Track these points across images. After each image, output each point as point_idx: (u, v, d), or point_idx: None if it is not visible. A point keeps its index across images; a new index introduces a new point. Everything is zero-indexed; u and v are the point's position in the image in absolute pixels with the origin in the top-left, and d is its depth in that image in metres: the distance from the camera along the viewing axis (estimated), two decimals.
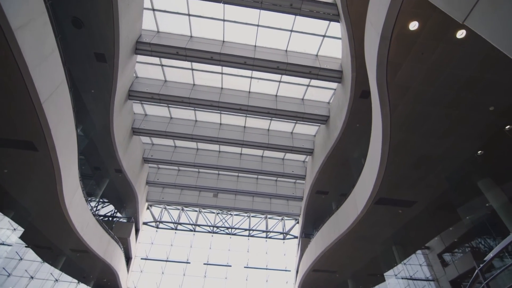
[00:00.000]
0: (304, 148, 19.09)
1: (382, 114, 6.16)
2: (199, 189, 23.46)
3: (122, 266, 17.49)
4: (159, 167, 23.13)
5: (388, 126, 6.42)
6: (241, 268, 23.49)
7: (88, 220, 12.65)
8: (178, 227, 25.22)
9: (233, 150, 21.42)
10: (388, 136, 6.70)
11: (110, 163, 16.41)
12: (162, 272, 22.25)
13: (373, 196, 8.79)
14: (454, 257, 20.54)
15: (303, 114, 16.45)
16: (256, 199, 25.65)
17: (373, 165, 8.25)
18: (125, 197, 19.96)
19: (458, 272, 17.69)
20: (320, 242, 13.84)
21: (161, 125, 18.16)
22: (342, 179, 17.08)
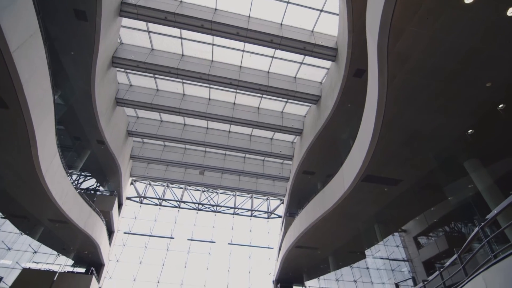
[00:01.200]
0: (294, 128, 18.93)
1: (379, 84, 5.95)
2: (185, 165, 23.10)
3: (103, 239, 17.22)
4: (144, 142, 22.47)
5: (384, 98, 6.25)
6: (225, 244, 23.81)
7: (67, 190, 12.15)
8: (162, 203, 24.99)
9: (221, 127, 20.99)
10: (383, 109, 6.55)
11: (92, 134, 15.68)
12: (145, 246, 22.20)
13: (361, 173, 8.79)
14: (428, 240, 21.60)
15: (294, 93, 16.13)
16: (242, 178, 25.62)
17: (363, 141, 8.17)
18: (108, 171, 19.36)
19: (432, 254, 18.67)
20: (304, 219, 14.03)
21: (147, 96, 17.39)
22: (329, 161, 17.16)
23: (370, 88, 7.01)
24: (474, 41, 5.27)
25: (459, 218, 11.37)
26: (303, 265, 18.79)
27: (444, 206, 12.47)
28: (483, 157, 7.83)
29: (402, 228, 20.44)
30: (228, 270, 22.37)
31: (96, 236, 15.40)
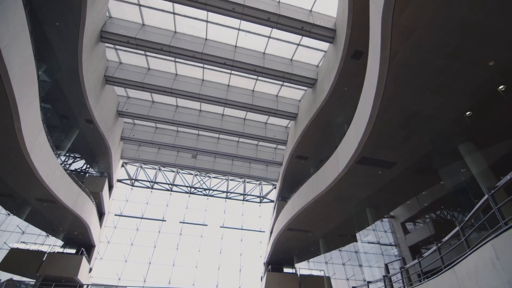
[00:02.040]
0: (288, 112, 18.70)
1: (381, 60, 5.73)
2: (178, 148, 22.77)
3: (94, 220, 17.01)
4: (135, 123, 21.94)
5: (384, 75, 6.05)
6: (217, 227, 23.95)
7: (55, 169, 11.77)
8: (154, 186, 24.77)
9: (215, 110, 20.58)
10: (382, 87, 6.36)
11: (80, 112, 15.11)
12: (137, 228, 22.12)
13: (356, 155, 8.71)
14: (415, 226, 22.19)
15: (290, 75, 15.79)
16: (235, 163, 25.51)
17: (360, 122, 8.02)
18: (98, 151, 18.89)
19: (418, 239, 19.21)
20: (297, 202, 14.06)
21: (138, 75, 16.78)
22: (323, 145, 17.12)
23: (370, 66, 6.78)
24: (482, 15, 5.05)
25: (449, 204, 11.54)
26: (294, 248, 19.09)
27: (433, 192, 12.66)
28: (478, 140, 7.81)
29: (390, 214, 20.89)
30: (220, 253, 22.61)
31: (85, 217, 15.17)
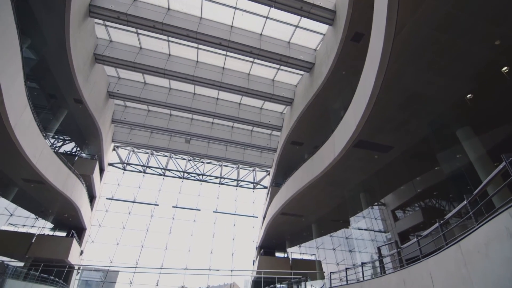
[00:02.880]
0: (284, 97, 18.40)
1: (385, 36, 5.48)
2: (171, 132, 22.38)
3: (84, 203, 16.71)
4: (126, 105, 21.34)
5: (388, 52, 5.81)
6: (210, 212, 23.95)
7: (42, 148, 11.34)
8: (146, 170, 24.43)
9: (209, 93, 20.12)
10: (385, 65, 6.13)
11: (68, 91, 14.49)
12: (129, 212, 21.93)
13: (354, 138, 8.58)
14: (405, 214, 22.61)
15: (287, 58, 15.39)
16: (229, 148, 25.28)
17: (359, 103, 7.83)
18: (88, 134, 18.36)
19: (407, 226, 19.62)
20: (291, 186, 14.03)
21: (129, 54, 16.13)
22: (318, 132, 16.99)
23: (373, 43, 6.53)
24: None
25: (443, 190, 11.62)
26: (286, 232, 19.27)
27: (427, 179, 12.74)
28: (477, 126, 7.74)
29: (381, 202, 21.22)
30: (212, 237, 22.71)
31: (76, 199, 14.85)
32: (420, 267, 4.46)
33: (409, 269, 4.84)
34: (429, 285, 4.07)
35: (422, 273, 4.34)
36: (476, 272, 3.02)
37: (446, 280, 3.70)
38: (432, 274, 4.05)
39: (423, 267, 4.37)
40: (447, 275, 3.68)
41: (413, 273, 4.67)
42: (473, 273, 3.06)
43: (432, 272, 4.06)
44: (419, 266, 4.50)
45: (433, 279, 4.02)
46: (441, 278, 3.83)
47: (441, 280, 3.82)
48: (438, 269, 3.93)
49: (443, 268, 3.80)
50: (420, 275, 4.39)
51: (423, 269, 4.35)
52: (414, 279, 4.63)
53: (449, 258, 3.65)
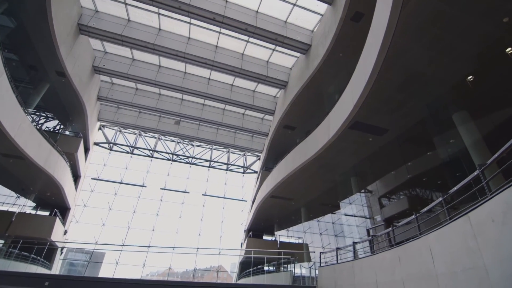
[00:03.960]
0: (279, 79, 17.99)
1: (392, 6, 5.18)
2: (160, 112, 21.71)
3: (68, 181, 16.11)
4: (113, 82, 20.42)
5: (393, 26, 5.53)
6: (199, 195, 23.77)
7: (21, 121, 10.64)
8: (134, 151, 23.79)
9: (201, 73, 19.46)
10: (389, 40, 5.87)
11: (50, 63, 13.61)
12: (115, 193, 21.45)
13: (350, 119, 8.40)
14: (390, 201, 23.12)
15: (283, 38, 14.88)
16: (220, 132, 24.87)
17: (359, 81, 7.60)
18: (72, 110, 17.50)
19: (393, 213, 20.10)
20: (283, 169, 13.91)
21: (116, 27, 15.19)
22: (312, 116, 16.78)
23: (378, 15, 6.21)
24: None
25: (435, 175, 11.71)
26: (275, 216, 19.38)
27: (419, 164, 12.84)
28: (474, 110, 7.68)
29: (368, 189, 21.59)
30: (201, 219, 22.63)
31: (58, 177, 14.26)
32: (419, 243, 4.41)
33: (405, 246, 4.80)
34: (428, 260, 4.02)
35: (420, 249, 4.30)
36: (488, 243, 2.93)
37: (449, 255, 3.64)
38: (432, 249, 3.99)
39: (422, 243, 4.31)
40: (451, 249, 3.62)
41: (410, 249, 4.63)
42: (483, 245, 2.98)
43: (432, 247, 4.00)
44: (418, 242, 4.45)
45: (433, 254, 3.96)
46: (442, 253, 3.77)
47: (442, 255, 3.77)
48: (439, 244, 3.86)
49: (445, 243, 3.74)
50: (418, 251, 4.35)
51: (421, 245, 4.30)
52: (410, 255, 4.59)
53: (453, 232, 3.58)
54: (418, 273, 4.32)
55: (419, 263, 4.34)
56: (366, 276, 5.99)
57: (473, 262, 3.12)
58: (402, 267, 4.78)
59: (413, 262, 4.51)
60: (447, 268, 3.64)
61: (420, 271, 4.28)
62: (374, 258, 5.88)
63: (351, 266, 6.72)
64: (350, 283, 6.56)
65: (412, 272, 4.50)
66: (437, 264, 3.88)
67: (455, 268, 3.46)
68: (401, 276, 4.73)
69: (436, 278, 3.81)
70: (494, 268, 2.79)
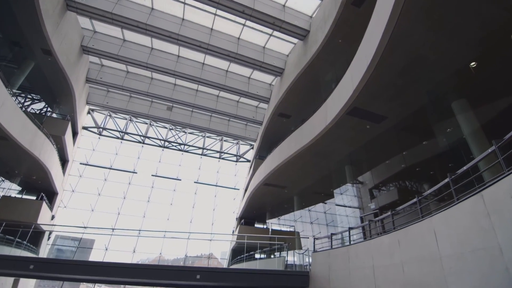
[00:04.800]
0: (275, 66, 17.63)
1: None
2: (151, 97, 21.07)
3: (55, 165, 15.58)
4: (102, 64, 19.64)
5: (400, 5, 5.30)
6: (191, 183, 23.52)
7: (4, 99, 10.08)
8: (124, 136, 23.20)
9: (195, 57, 18.88)
10: (394, 21, 5.64)
11: (35, 39, 12.86)
12: (104, 179, 20.97)
13: (349, 104, 8.23)
14: (380, 192, 23.46)
15: (281, 23, 14.46)
16: (214, 119, 24.46)
17: (360, 65, 7.39)
18: (59, 91, 16.76)
19: (382, 203, 20.41)
20: (277, 156, 13.77)
21: (106, 4, 14.43)
22: (307, 105, 16.56)
23: None
24: None
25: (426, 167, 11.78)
26: (267, 204, 19.37)
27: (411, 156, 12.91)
28: (473, 98, 7.60)
29: (359, 180, 21.80)
30: (193, 207, 22.47)
31: (45, 160, 13.74)
32: (421, 226, 4.33)
33: (406, 229, 4.73)
34: (432, 243, 3.95)
35: (423, 232, 4.22)
36: (504, 221, 2.83)
37: (456, 236, 3.56)
38: (436, 232, 3.91)
39: (425, 225, 4.23)
40: (458, 230, 3.53)
41: (411, 232, 4.56)
42: (498, 223, 2.88)
43: (437, 230, 3.92)
44: (420, 225, 4.37)
45: (437, 236, 3.88)
46: (448, 235, 3.70)
47: (448, 237, 3.69)
48: (445, 225, 3.78)
49: (452, 224, 3.65)
50: (420, 234, 4.27)
51: (424, 228, 4.22)
52: (411, 238, 4.52)
53: (462, 212, 3.48)
54: (419, 256, 4.26)
55: (421, 246, 4.27)
56: (362, 260, 5.95)
57: (484, 242, 3.04)
58: (402, 251, 4.72)
59: (415, 245, 4.45)
60: (454, 250, 3.57)
61: (421, 254, 4.22)
62: (371, 242, 5.83)
63: (346, 251, 6.69)
64: (345, 267, 6.54)
65: (412, 255, 4.45)
66: (441, 246, 3.81)
67: (463, 249, 3.38)
68: (401, 259, 4.68)
69: (440, 260, 3.74)
70: (510, 247, 2.70)
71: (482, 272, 3.02)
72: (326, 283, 7.31)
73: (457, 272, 3.42)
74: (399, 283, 4.62)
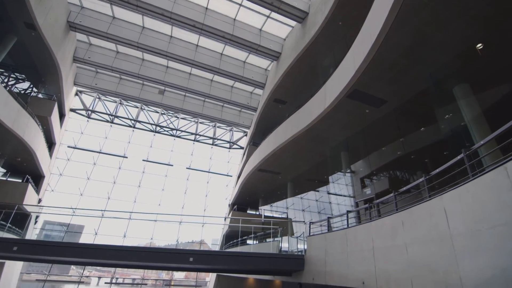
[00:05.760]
0: (271, 49, 17.16)
1: None
2: (143, 80, 20.34)
3: (41, 147, 14.95)
4: (91, 43, 18.73)
5: None
6: (183, 168, 23.18)
7: None
8: (114, 120, 22.49)
9: (188, 38, 18.18)
10: None
11: (18, 13, 12.00)
12: (94, 163, 20.41)
13: (350, 85, 7.99)
14: (371, 181, 23.71)
15: (279, 3, 13.93)
16: (207, 104, 23.94)
17: (364, 43, 7.11)
18: (44, 70, 15.90)
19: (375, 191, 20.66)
20: (273, 141, 13.54)
21: None
22: (303, 91, 16.27)
23: None
24: None
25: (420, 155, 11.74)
26: (260, 191, 19.29)
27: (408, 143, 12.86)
28: (476, 83, 7.46)
29: (351, 169, 21.93)
30: (185, 193, 22.23)
31: (29, 140, 13.12)
32: (429, 205, 4.21)
33: (410, 210, 4.60)
34: (441, 222, 3.82)
35: (431, 211, 4.09)
36: None
37: (471, 213, 3.42)
38: (447, 210, 3.78)
39: (433, 204, 4.10)
40: (474, 207, 3.39)
41: (417, 212, 4.43)
42: None
43: (448, 208, 3.79)
44: (427, 204, 4.25)
45: (448, 215, 3.75)
46: (462, 212, 3.56)
47: (462, 214, 3.56)
48: (458, 203, 3.64)
49: (467, 201, 3.51)
50: (428, 213, 4.15)
51: (433, 207, 4.10)
52: (417, 219, 4.40)
53: (480, 187, 3.34)
54: (425, 236, 4.15)
55: (428, 225, 4.16)
56: (361, 243, 5.87)
57: (506, 218, 2.91)
58: (406, 232, 4.62)
59: (421, 226, 4.33)
60: (468, 227, 3.44)
61: (429, 233, 4.11)
62: (371, 224, 5.74)
63: (344, 234, 6.61)
64: (343, 250, 6.47)
65: (418, 235, 4.34)
66: (453, 224, 3.69)
67: (479, 226, 3.26)
68: (404, 240, 4.58)
69: (451, 239, 3.63)
70: None
71: (502, 249, 2.91)
72: (322, 266, 7.27)
73: (471, 250, 3.32)
74: (402, 264, 4.53)
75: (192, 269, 10.97)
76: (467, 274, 3.31)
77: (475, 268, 3.27)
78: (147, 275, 25.39)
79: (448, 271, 3.58)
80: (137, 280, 25.25)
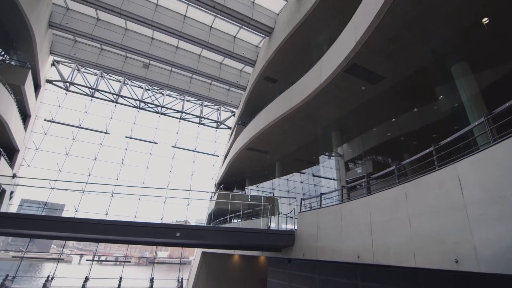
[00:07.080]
0: (264, 24, 16.44)
1: None
2: (126, 51, 19.08)
3: (14, 117, 13.84)
4: (68, 8, 17.17)
5: None
6: (168, 147, 22.52)
7: None
8: (95, 94, 21.21)
9: (176, 7, 17.04)
10: None
11: None
12: (73, 138, 19.34)
13: (349, 58, 7.68)
14: (355, 165, 24.11)
15: None
16: (194, 81, 23.04)
17: (367, 12, 6.74)
18: (16, 34, 14.44)
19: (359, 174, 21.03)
20: (263, 119, 13.21)
21: None
22: (296, 69, 15.80)
23: None
24: None
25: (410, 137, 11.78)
26: (248, 170, 19.14)
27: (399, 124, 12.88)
28: (475, 62, 7.35)
29: (338, 153, 22.13)
30: (170, 171, 21.73)
31: (1, 110, 12.06)
32: (439, 175, 4.09)
33: (417, 181, 4.48)
34: (453, 191, 3.72)
35: (442, 181, 3.97)
36: None
37: (491, 180, 3.29)
38: (462, 178, 3.66)
39: (446, 173, 3.98)
40: (496, 172, 3.26)
41: (425, 183, 4.32)
42: None
43: (462, 176, 3.67)
44: (437, 174, 4.13)
45: (462, 183, 3.64)
46: (480, 179, 3.43)
47: (480, 182, 3.43)
48: (477, 169, 3.51)
49: (487, 167, 3.38)
50: (438, 183, 4.03)
51: (444, 176, 3.97)
52: (424, 190, 4.28)
53: (503, 152, 3.19)
54: (433, 207, 4.06)
55: (437, 195, 4.06)
56: (357, 217, 5.82)
57: None
58: (409, 204, 4.53)
59: (428, 196, 4.23)
60: (487, 195, 3.34)
61: (437, 204, 4.02)
62: (370, 198, 5.65)
63: (339, 209, 6.55)
64: (336, 225, 6.43)
65: (424, 207, 4.26)
66: (468, 193, 3.59)
67: (502, 192, 3.15)
68: (407, 213, 4.51)
69: (464, 208, 3.54)
70: None
71: None
72: (313, 242, 7.26)
73: (490, 218, 3.24)
74: (404, 237, 4.48)
75: (179, 244, 10.78)
76: (483, 244, 3.26)
77: (494, 236, 3.21)
78: (130, 254, 25.19)
79: (459, 241, 3.53)
80: (120, 258, 25.01)
